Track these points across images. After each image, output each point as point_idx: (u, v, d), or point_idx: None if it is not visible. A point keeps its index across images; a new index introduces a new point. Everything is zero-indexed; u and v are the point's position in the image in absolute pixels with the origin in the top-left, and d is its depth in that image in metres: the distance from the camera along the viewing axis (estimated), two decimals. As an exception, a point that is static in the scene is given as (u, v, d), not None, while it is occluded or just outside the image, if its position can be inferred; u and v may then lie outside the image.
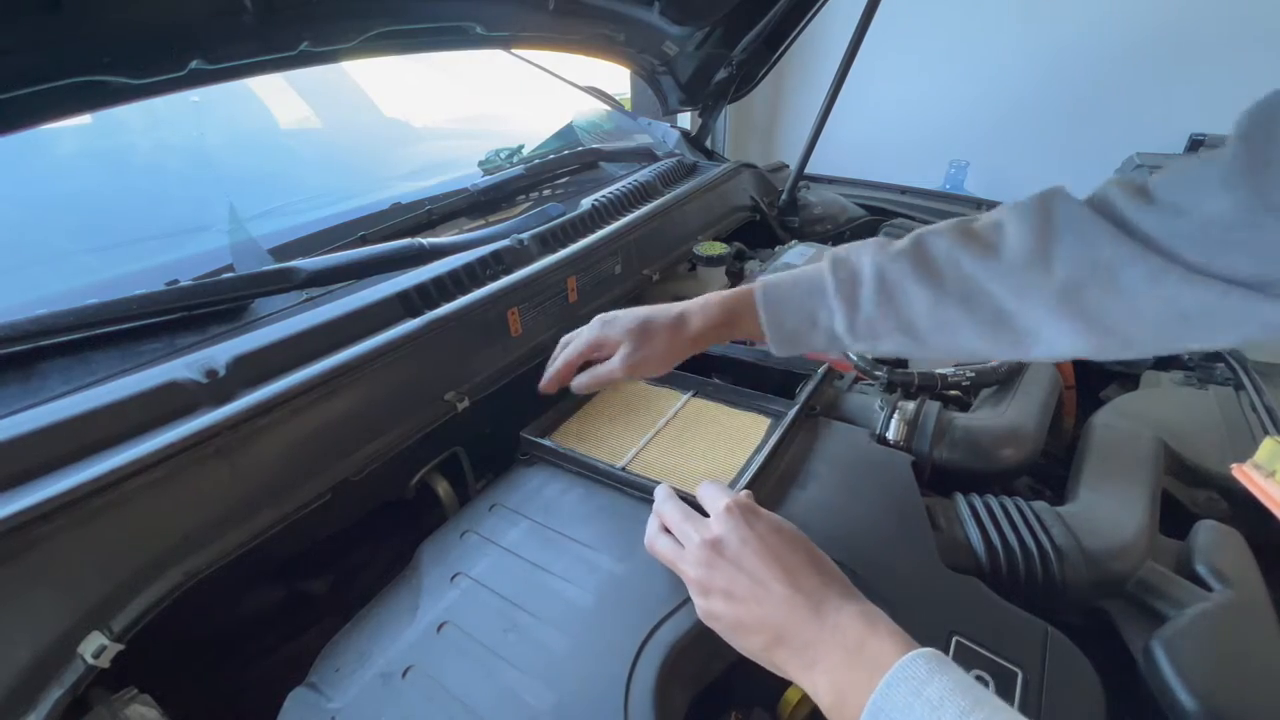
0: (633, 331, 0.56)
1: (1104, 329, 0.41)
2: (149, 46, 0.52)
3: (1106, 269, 0.39)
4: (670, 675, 0.41)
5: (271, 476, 0.48)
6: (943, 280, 0.45)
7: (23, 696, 0.34)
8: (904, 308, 0.47)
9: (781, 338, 0.53)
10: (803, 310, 0.51)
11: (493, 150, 1.11)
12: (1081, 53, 2.20)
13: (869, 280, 0.48)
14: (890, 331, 0.48)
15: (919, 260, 0.46)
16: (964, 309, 0.45)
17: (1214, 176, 0.35)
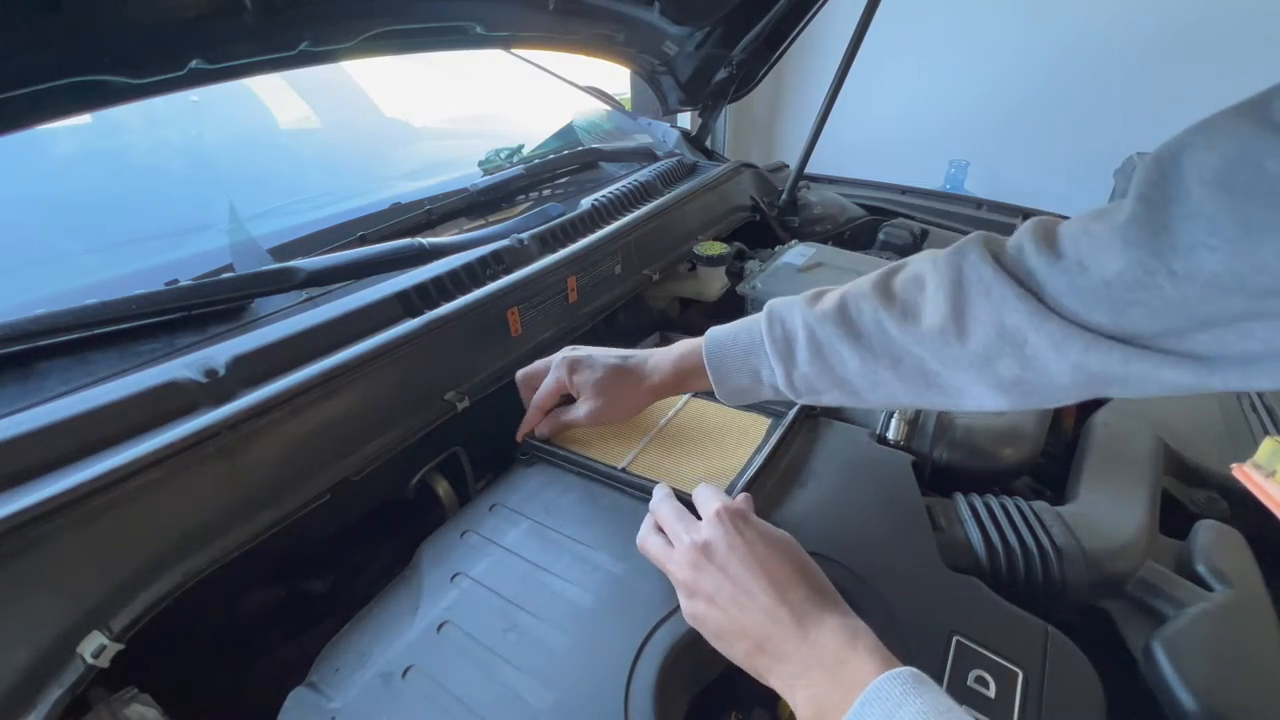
0: (597, 385, 0.59)
1: (1022, 392, 0.42)
2: (149, 46, 0.52)
3: (1013, 338, 0.40)
4: (670, 675, 0.41)
5: (271, 476, 0.48)
6: (870, 343, 0.46)
7: (23, 696, 0.34)
8: (837, 367, 0.48)
9: (729, 394, 0.55)
10: (746, 368, 0.53)
11: (493, 150, 1.11)
12: (1082, 53, 2.20)
13: (802, 340, 0.49)
14: (829, 388, 0.49)
15: (845, 323, 0.47)
16: (894, 371, 0.46)
17: (1115, 235, 0.35)
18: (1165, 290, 0.33)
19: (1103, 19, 2.12)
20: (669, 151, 1.25)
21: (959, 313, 0.42)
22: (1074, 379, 0.39)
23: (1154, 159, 0.34)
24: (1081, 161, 2.24)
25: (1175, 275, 0.33)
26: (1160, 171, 0.33)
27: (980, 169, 2.45)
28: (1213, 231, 0.31)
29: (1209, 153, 0.31)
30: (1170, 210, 0.32)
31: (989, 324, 0.41)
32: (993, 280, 0.41)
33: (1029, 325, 0.39)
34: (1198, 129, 0.32)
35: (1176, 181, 0.32)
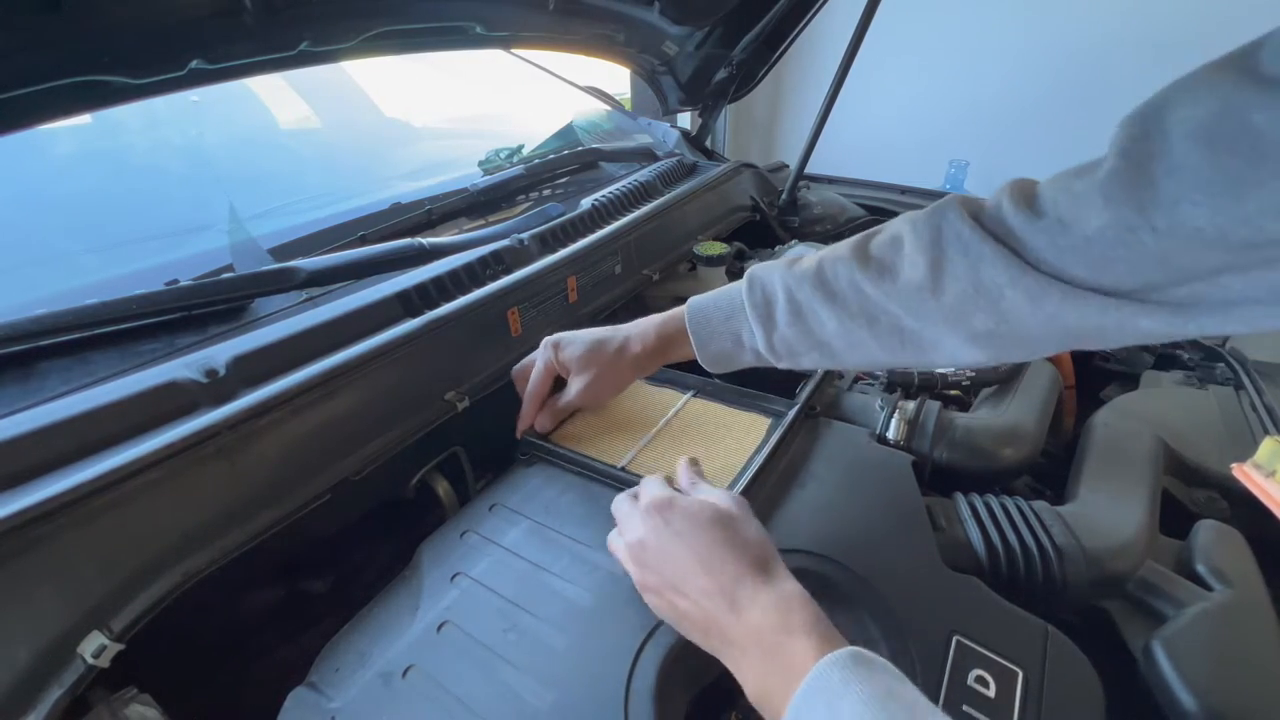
0: (581, 360, 0.59)
1: (996, 346, 0.43)
2: (149, 46, 0.52)
3: (989, 292, 0.40)
4: (670, 675, 0.41)
5: (271, 476, 0.48)
6: (846, 303, 0.47)
7: (23, 696, 0.34)
8: (815, 329, 0.49)
9: (710, 358, 0.55)
10: (727, 331, 0.53)
11: (493, 150, 1.11)
12: (1082, 53, 2.20)
13: (782, 302, 0.50)
14: (808, 349, 0.50)
15: (821, 285, 0.48)
16: (869, 330, 0.47)
17: (1095, 191, 0.35)
18: (1147, 245, 0.33)
19: (1103, 19, 2.12)
20: (669, 151, 1.25)
21: (936, 269, 0.43)
22: (1048, 331, 0.40)
23: (1136, 114, 0.34)
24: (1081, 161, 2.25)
25: (1157, 230, 0.33)
26: (1143, 127, 0.33)
27: (980, 169, 2.45)
28: (1197, 186, 0.31)
29: (1193, 108, 0.31)
30: (1153, 166, 0.32)
31: (965, 279, 0.41)
32: (970, 238, 0.41)
33: (1006, 280, 0.39)
34: (1180, 84, 0.32)
35: (1160, 137, 0.32)
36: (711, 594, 0.38)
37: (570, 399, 0.60)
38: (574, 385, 0.60)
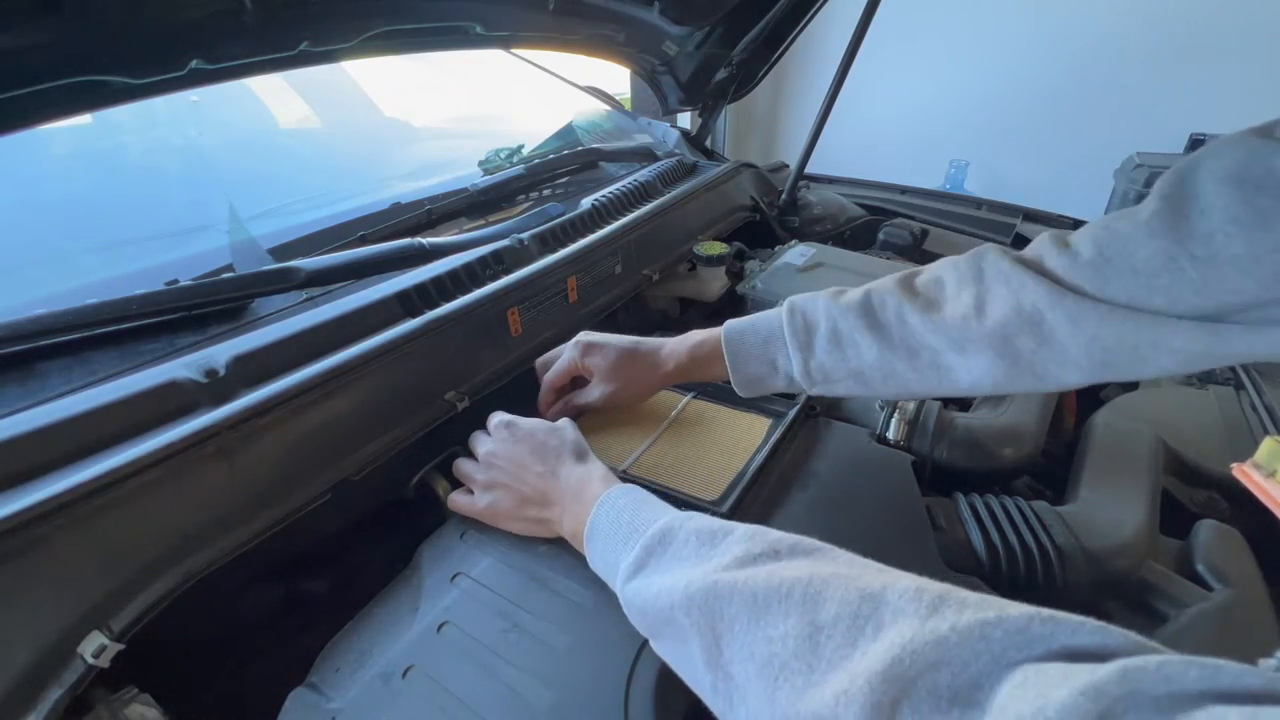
0: (611, 368, 0.61)
1: (1035, 375, 0.46)
2: (149, 46, 0.52)
3: (1031, 316, 0.44)
4: (670, 675, 0.41)
5: (271, 476, 0.48)
6: (890, 335, 0.50)
7: (23, 696, 0.34)
8: (853, 358, 0.51)
9: (743, 380, 0.57)
10: (763, 357, 0.56)
11: (493, 150, 1.11)
12: (1082, 52, 2.20)
13: (823, 331, 0.53)
14: (843, 378, 0.53)
15: (867, 315, 0.51)
16: (909, 362, 0.50)
17: (1139, 229, 0.40)
18: (1187, 272, 0.38)
19: (1103, 19, 2.12)
20: (669, 151, 1.25)
21: (979, 299, 0.47)
22: (1088, 353, 0.43)
23: (1171, 171, 0.39)
24: (1081, 161, 2.24)
25: (1196, 258, 0.37)
26: (1178, 177, 0.39)
27: (980, 169, 2.45)
28: (1228, 220, 0.36)
29: (1220, 160, 0.37)
30: (1189, 205, 0.38)
31: (1007, 304, 0.45)
32: (1011, 270, 0.46)
33: (1046, 304, 0.43)
34: (1207, 147, 0.38)
35: (1193, 183, 0.38)
36: (543, 474, 0.50)
37: (591, 400, 0.62)
38: (596, 389, 0.62)
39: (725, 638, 0.32)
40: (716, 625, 0.32)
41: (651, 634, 0.38)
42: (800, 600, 0.30)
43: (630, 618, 0.39)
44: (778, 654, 0.29)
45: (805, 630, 0.29)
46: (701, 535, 0.38)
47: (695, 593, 0.33)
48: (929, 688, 0.23)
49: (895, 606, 0.28)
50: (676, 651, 0.36)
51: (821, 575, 0.31)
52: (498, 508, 0.51)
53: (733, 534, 0.37)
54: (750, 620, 0.31)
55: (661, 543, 0.39)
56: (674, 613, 0.34)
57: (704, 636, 0.32)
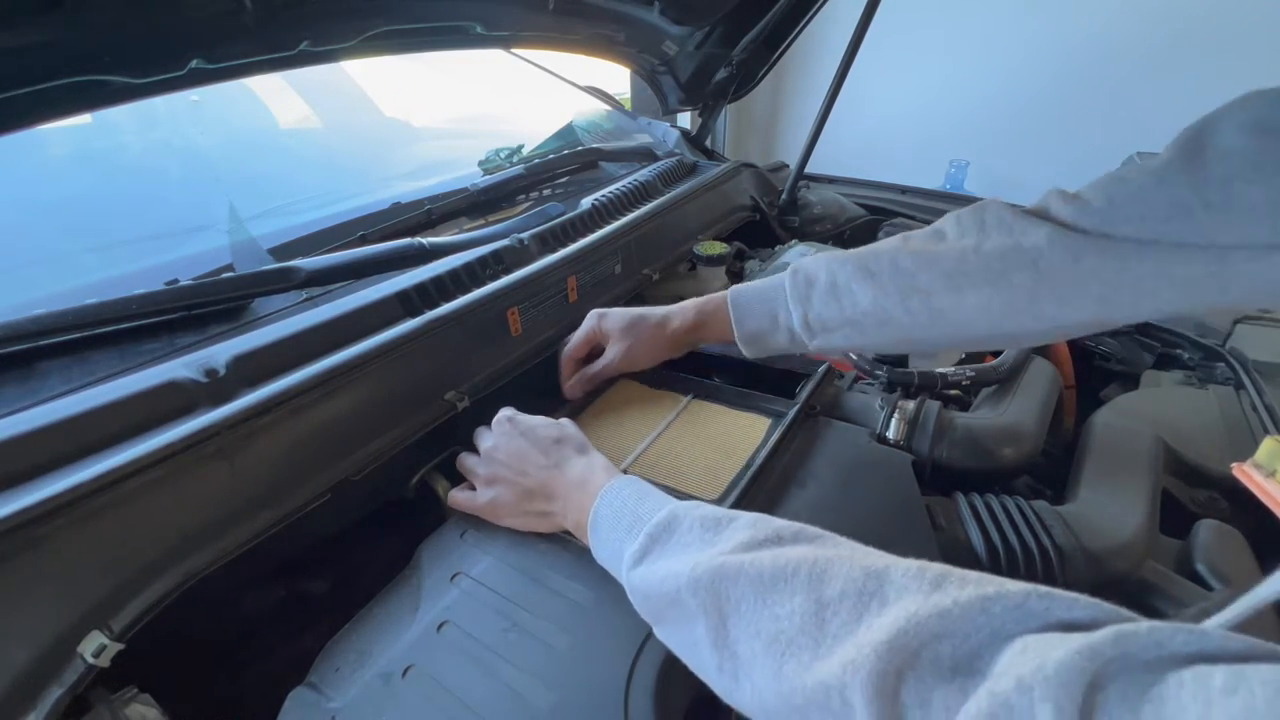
0: (623, 330, 0.64)
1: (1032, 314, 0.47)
2: (149, 46, 0.52)
3: (1029, 252, 0.45)
4: (670, 675, 0.41)
5: (271, 476, 0.48)
6: (883, 282, 0.52)
7: (23, 696, 0.34)
8: (848, 307, 0.54)
9: (746, 337, 0.60)
10: (765, 312, 0.59)
11: (493, 150, 1.11)
12: (1082, 52, 2.20)
13: (821, 282, 0.55)
14: (839, 325, 0.55)
15: (861, 265, 0.54)
16: (903, 305, 0.52)
17: (1149, 177, 0.41)
18: (1199, 219, 0.38)
19: (1103, 19, 2.12)
20: (669, 151, 1.25)
21: (979, 241, 0.48)
22: (1087, 288, 0.44)
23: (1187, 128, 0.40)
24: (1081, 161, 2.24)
25: (1210, 204, 0.38)
26: (1195, 130, 0.39)
27: (980, 169, 2.45)
28: (1249, 166, 0.36)
29: (1242, 111, 0.38)
30: (1206, 153, 0.38)
31: (1006, 248, 0.46)
32: (1014, 219, 0.47)
33: (1046, 243, 0.44)
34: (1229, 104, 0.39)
35: (1212, 133, 0.38)
36: (546, 467, 0.50)
37: (608, 362, 0.65)
38: (611, 351, 0.65)
39: (731, 618, 0.32)
40: (723, 605, 0.32)
41: (656, 619, 0.39)
42: (806, 579, 0.30)
43: (635, 604, 0.40)
44: (784, 630, 0.29)
45: (811, 607, 0.29)
46: (705, 523, 0.38)
47: (701, 574, 0.34)
48: (932, 658, 0.24)
49: (899, 584, 0.28)
50: (681, 635, 0.36)
51: (826, 556, 0.31)
52: (499, 502, 0.51)
53: (736, 521, 0.38)
54: (757, 599, 0.31)
55: (666, 530, 0.39)
56: (680, 595, 0.34)
57: (710, 617, 0.33)
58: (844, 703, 0.25)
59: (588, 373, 0.66)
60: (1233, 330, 0.81)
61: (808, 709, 0.27)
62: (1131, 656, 0.20)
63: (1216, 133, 0.38)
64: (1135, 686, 0.19)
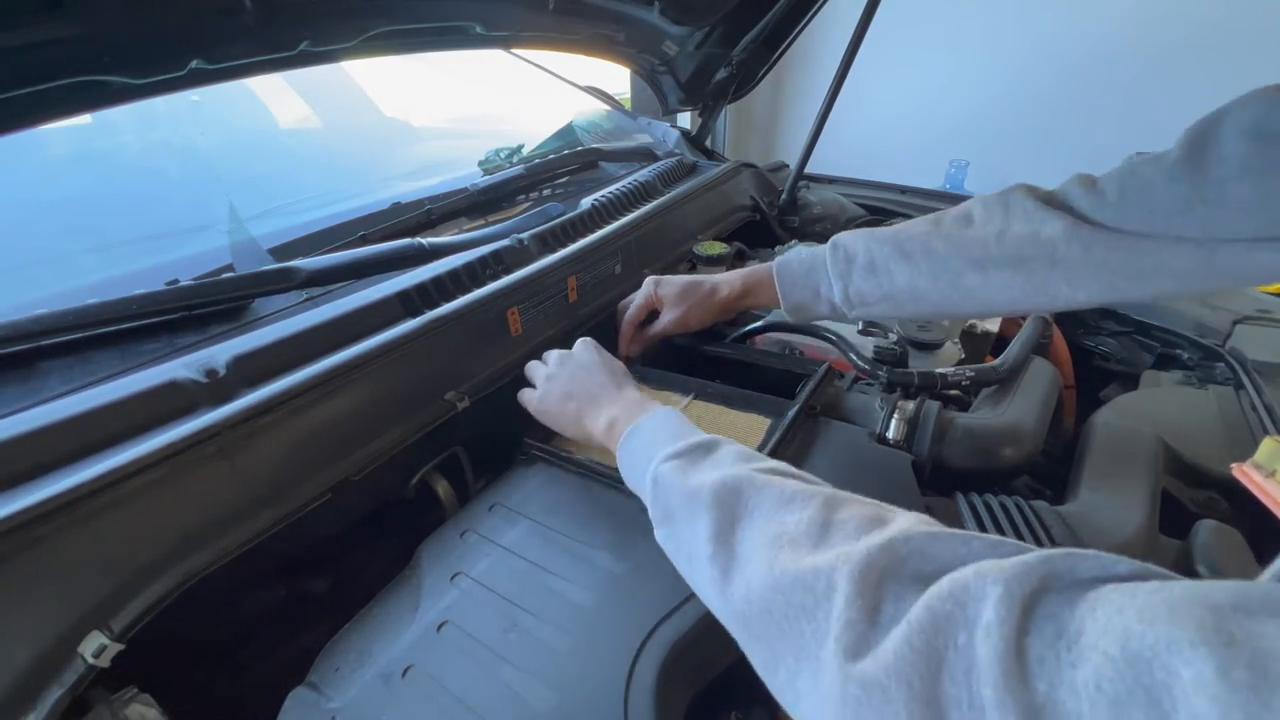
0: (678, 295, 0.71)
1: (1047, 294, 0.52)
2: (149, 46, 0.52)
3: (1047, 244, 0.50)
4: (670, 675, 0.41)
5: (272, 476, 0.48)
6: (917, 262, 0.58)
7: (23, 696, 0.34)
8: (885, 282, 0.60)
9: (793, 307, 0.67)
10: (808, 285, 0.64)
11: (493, 150, 1.11)
12: (1082, 52, 2.20)
13: (861, 260, 0.61)
14: (877, 300, 0.61)
15: (897, 245, 0.59)
16: (934, 282, 0.58)
17: (1161, 174, 0.45)
18: (1198, 213, 0.43)
19: (1103, 19, 2.12)
20: (669, 151, 1.25)
21: (1003, 225, 0.53)
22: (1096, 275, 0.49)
23: (1199, 122, 0.44)
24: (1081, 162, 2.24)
25: (1207, 201, 0.42)
26: (1202, 128, 0.43)
27: (980, 169, 2.45)
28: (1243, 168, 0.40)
29: (1243, 112, 0.41)
30: (1208, 153, 0.42)
31: (1026, 233, 0.51)
32: (1034, 209, 0.52)
33: (1062, 237, 0.49)
34: (1234, 102, 0.42)
35: (1216, 135, 0.42)
36: (604, 383, 0.55)
37: (663, 324, 0.71)
38: (666, 316, 0.71)
39: (743, 520, 0.36)
40: (737, 509, 0.36)
41: (665, 515, 0.41)
42: (820, 504, 0.34)
43: (653, 495, 0.42)
44: (789, 533, 0.33)
45: (819, 520, 0.33)
46: (740, 454, 0.43)
47: (729, 479, 0.38)
48: (915, 567, 0.27)
49: (900, 518, 0.33)
50: (681, 533, 0.39)
51: (843, 494, 0.36)
52: (548, 396, 0.58)
53: (769, 460, 0.42)
54: (771, 510, 0.35)
55: (705, 449, 0.43)
56: (700, 491, 0.38)
57: (721, 515, 0.36)
58: (829, 585, 0.28)
59: (645, 334, 0.72)
60: (1232, 330, 0.81)
61: (793, 589, 0.29)
62: (1078, 571, 0.23)
63: (1219, 134, 0.42)
64: (1076, 588, 0.23)
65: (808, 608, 0.28)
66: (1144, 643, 0.18)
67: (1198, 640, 0.17)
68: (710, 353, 0.76)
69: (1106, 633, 0.20)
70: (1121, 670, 0.18)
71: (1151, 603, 0.20)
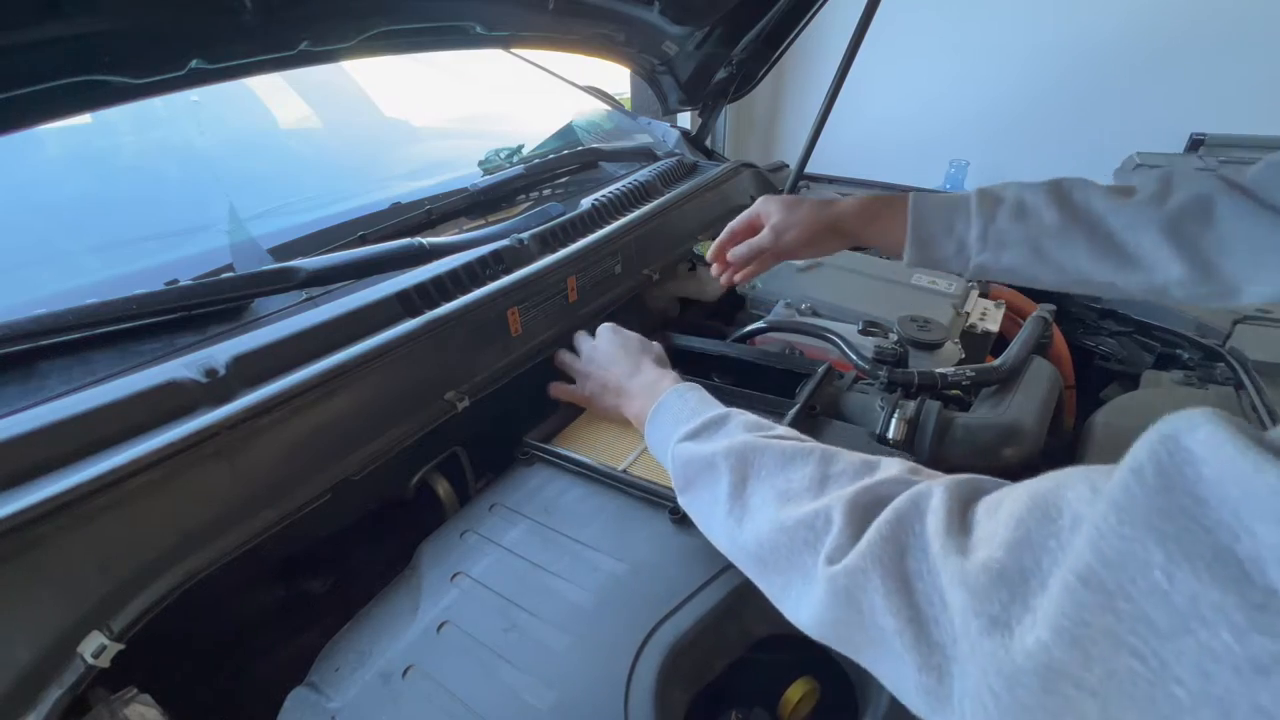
0: (785, 207, 0.65)
1: (1200, 259, 0.50)
2: (149, 46, 0.52)
3: (1205, 203, 0.49)
4: (670, 675, 0.41)
5: (271, 476, 0.48)
6: (1074, 208, 0.55)
7: (23, 696, 0.34)
8: (1034, 226, 0.56)
9: (919, 240, 0.60)
10: (943, 219, 0.60)
11: (493, 150, 1.11)
12: (1082, 52, 2.20)
13: (1009, 202, 0.57)
14: (1017, 243, 0.57)
15: (1055, 190, 0.56)
16: (1086, 232, 0.54)
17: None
18: None
19: (1103, 19, 2.12)
20: (669, 151, 1.25)
21: (1163, 191, 0.52)
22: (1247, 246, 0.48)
23: None
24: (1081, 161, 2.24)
25: None
26: None
27: (980, 169, 2.45)
28: None
29: None
30: None
31: (1185, 198, 0.50)
32: (1201, 176, 0.51)
33: (1220, 190, 0.49)
34: None
35: None
36: (625, 372, 0.60)
37: (763, 238, 0.65)
38: (769, 224, 0.65)
39: (752, 480, 0.40)
40: (746, 470, 0.41)
41: (686, 484, 0.46)
42: (818, 459, 0.39)
43: (674, 469, 0.47)
44: (793, 488, 0.38)
45: (818, 475, 0.38)
46: (749, 423, 0.47)
47: (736, 445, 0.42)
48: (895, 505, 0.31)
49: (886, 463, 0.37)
50: (703, 495, 0.44)
51: (836, 450, 0.40)
52: (590, 392, 0.63)
53: (775, 428, 0.46)
54: (775, 468, 0.40)
55: (717, 423, 0.47)
56: (715, 458, 0.43)
57: (735, 475, 0.41)
58: (826, 519, 0.34)
59: (751, 244, 0.66)
60: (1232, 330, 0.81)
61: (796, 528, 0.35)
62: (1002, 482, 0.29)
63: None
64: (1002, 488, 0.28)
65: (810, 541, 0.34)
66: (1043, 486, 0.25)
67: (1080, 479, 0.23)
68: (710, 352, 0.76)
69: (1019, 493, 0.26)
70: (1027, 503, 0.25)
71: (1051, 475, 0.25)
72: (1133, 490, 0.20)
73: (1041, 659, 0.21)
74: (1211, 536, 0.17)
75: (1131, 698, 0.19)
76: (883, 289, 0.91)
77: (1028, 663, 0.21)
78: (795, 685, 0.44)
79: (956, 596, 0.25)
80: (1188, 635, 0.17)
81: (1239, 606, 0.16)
